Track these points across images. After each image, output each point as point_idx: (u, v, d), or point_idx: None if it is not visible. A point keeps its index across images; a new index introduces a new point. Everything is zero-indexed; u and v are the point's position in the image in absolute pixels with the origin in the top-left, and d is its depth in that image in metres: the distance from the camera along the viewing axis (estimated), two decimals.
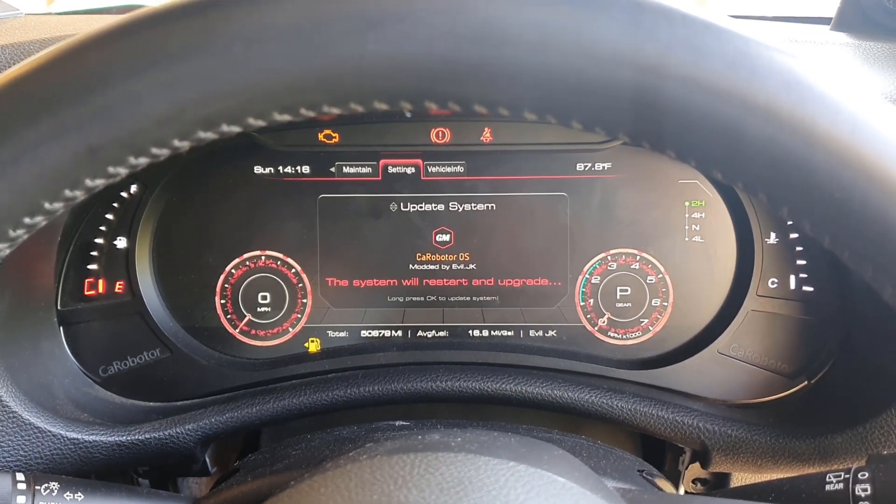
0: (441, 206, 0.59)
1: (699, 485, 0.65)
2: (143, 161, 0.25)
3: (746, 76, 0.23)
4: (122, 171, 0.25)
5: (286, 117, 0.25)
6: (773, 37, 0.24)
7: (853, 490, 0.42)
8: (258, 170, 0.59)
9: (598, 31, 0.23)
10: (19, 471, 0.53)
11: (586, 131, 0.25)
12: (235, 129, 0.25)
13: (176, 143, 0.25)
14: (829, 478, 0.44)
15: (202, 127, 0.24)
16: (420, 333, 0.61)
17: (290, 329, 0.61)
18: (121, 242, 0.59)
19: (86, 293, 0.59)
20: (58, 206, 0.25)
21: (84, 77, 0.23)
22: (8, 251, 0.26)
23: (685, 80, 0.23)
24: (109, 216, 0.59)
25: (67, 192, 0.25)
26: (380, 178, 0.59)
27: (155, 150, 0.25)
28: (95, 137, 0.24)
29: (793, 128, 0.23)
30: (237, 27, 0.23)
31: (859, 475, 0.43)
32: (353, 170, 0.59)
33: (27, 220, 0.25)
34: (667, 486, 0.49)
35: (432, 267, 0.60)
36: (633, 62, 0.23)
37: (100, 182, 0.25)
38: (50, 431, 0.52)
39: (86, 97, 0.23)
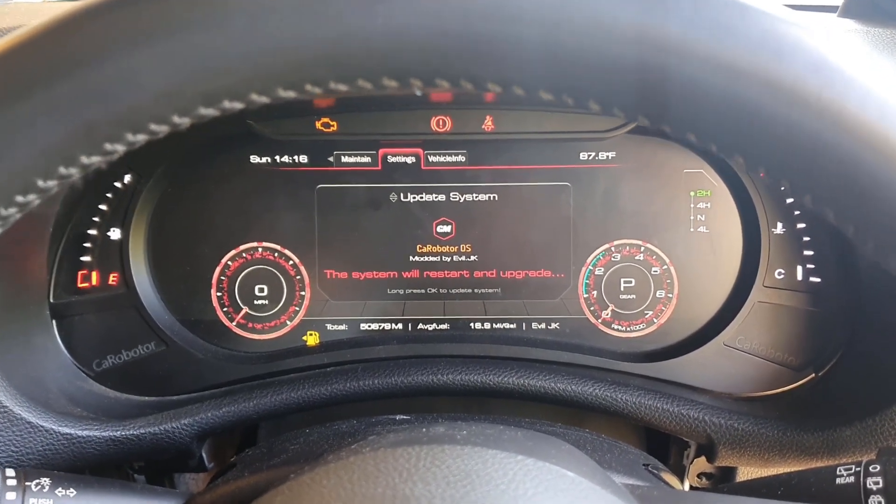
0: (442, 197, 0.58)
1: (704, 479, 0.64)
2: (140, 138, 0.24)
3: (772, 57, 0.22)
4: (120, 149, 0.24)
5: (291, 94, 0.23)
6: (799, 15, 0.23)
7: (864, 483, 0.42)
8: (254, 159, 0.58)
9: (619, 8, 0.22)
10: (10, 467, 0.52)
11: (604, 114, 0.24)
12: (238, 105, 0.24)
13: (176, 119, 0.23)
14: (840, 471, 0.43)
15: (203, 103, 0.23)
16: (421, 326, 0.60)
17: (288, 322, 0.60)
18: (115, 233, 0.58)
19: (79, 285, 0.58)
20: (52, 183, 0.24)
21: (80, 49, 0.22)
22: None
23: (706, 60, 0.22)
24: (103, 207, 0.57)
25: (62, 170, 0.24)
26: (379, 168, 0.58)
27: (154, 127, 0.23)
28: (92, 112, 0.22)
29: (820, 111, 0.22)
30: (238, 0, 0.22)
31: (870, 468, 0.42)
32: (351, 159, 0.58)
33: (19, 199, 0.24)
34: (672, 480, 0.48)
35: (433, 259, 0.59)
36: (653, 41, 0.22)
37: (96, 159, 0.24)
38: (42, 426, 0.51)
39: (82, 70, 0.22)
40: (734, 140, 0.23)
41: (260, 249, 0.59)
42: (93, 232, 0.58)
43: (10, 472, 0.39)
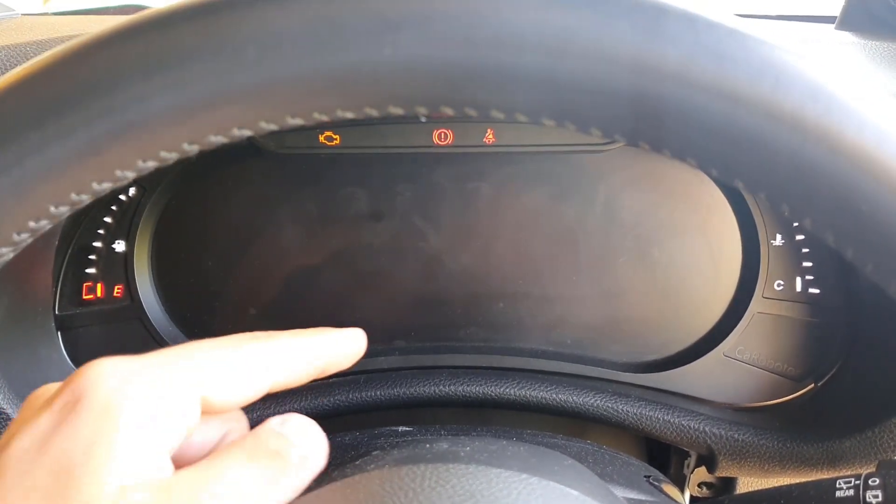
0: (443, 210, 0.59)
1: (705, 488, 0.64)
2: (151, 165, 0.24)
3: (771, 85, 0.22)
4: (130, 175, 0.25)
5: (299, 122, 0.24)
6: (798, 44, 0.23)
7: (864, 496, 0.42)
8: (258, 172, 0.59)
9: (620, 37, 0.22)
10: None
11: (606, 139, 0.24)
12: (247, 133, 0.24)
13: (186, 147, 0.24)
14: (840, 484, 0.43)
15: (213, 131, 0.24)
16: (422, 338, 0.60)
17: None
18: (119, 246, 0.58)
19: (84, 297, 0.59)
20: (63, 209, 0.25)
21: (92, 78, 0.23)
22: (11, 255, 0.26)
23: (708, 88, 0.22)
24: (108, 219, 0.58)
25: (74, 196, 0.24)
26: (381, 181, 0.59)
27: (164, 154, 0.24)
28: (104, 141, 0.23)
29: (818, 138, 0.22)
30: (251, 29, 0.22)
31: (870, 481, 0.42)
32: (354, 172, 0.58)
33: (32, 224, 0.25)
34: (673, 491, 0.48)
35: (434, 270, 0.59)
36: (654, 69, 0.22)
37: (107, 186, 0.25)
38: None
39: (94, 99, 0.23)
40: (734, 166, 0.24)
41: (264, 262, 0.59)
42: (98, 244, 0.58)
43: None
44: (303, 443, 0.31)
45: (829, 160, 0.22)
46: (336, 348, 0.36)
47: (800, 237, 0.58)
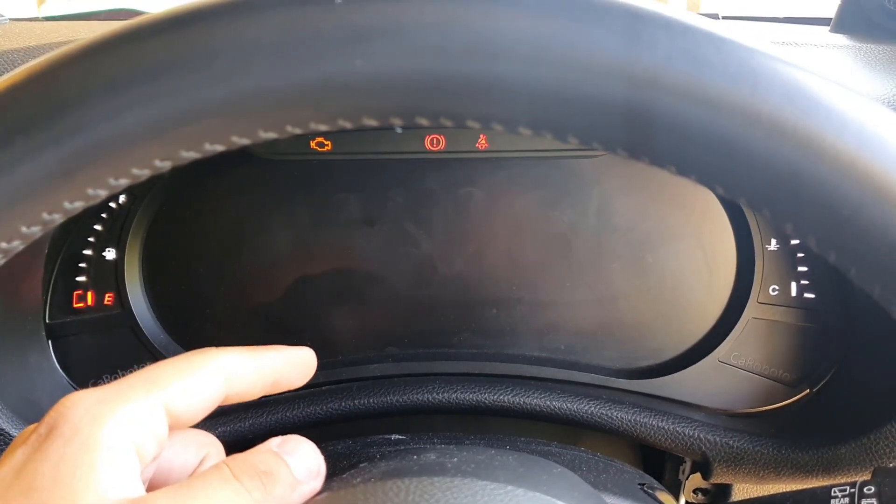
0: (436, 216, 0.58)
1: (700, 494, 0.64)
2: (123, 182, 0.24)
3: (749, 89, 0.22)
4: (102, 194, 0.24)
5: (272, 135, 0.24)
6: (776, 47, 0.23)
7: None
8: (249, 179, 0.58)
9: (594, 44, 0.22)
10: None
11: (584, 145, 0.24)
12: (219, 148, 0.24)
13: (157, 163, 0.24)
14: (835, 492, 0.43)
15: (184, 147, 0.23)
16: (415, 345, 0.60)
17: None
18: (109, 254, 0.58)
19: (74, 306, 0.58)
20: (35, 230, 0.24)
21: (59, 97, 0.22)
22: None
23: (685, 94, 0.22)
24: (98, 227, 0.58)
25: (45, 216, 0.24)
26: (373, 187, 0.58)
27: (136, 171, 0.24)
28: (72, 160, 0.23)
29: (797, 142, 0.22)
30: (219, 43, 0.22)
31: (865, 489, 0.42)
32: (346, 178, 0.58)
33: (3, 245, 0.24)
34: (668, 499, 0.48)
35: (427, 277, 0.59)
36: (629, 75, 0.22)
37: (79, 205, 0.24)
38: None
39: (61, 118, 0.22)
40: (713, 172, 0.23)
41: (255, 269, 0.59)
42: (88, 252, 0.58)
43: None
44: (298, 465, 0.31)
45: (808, 165, 0.22)
46: (286, 365, 0.37)
47: (795, 242, 0.58)
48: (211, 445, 0.35)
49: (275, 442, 0.32)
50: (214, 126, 0.23)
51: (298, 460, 0.32)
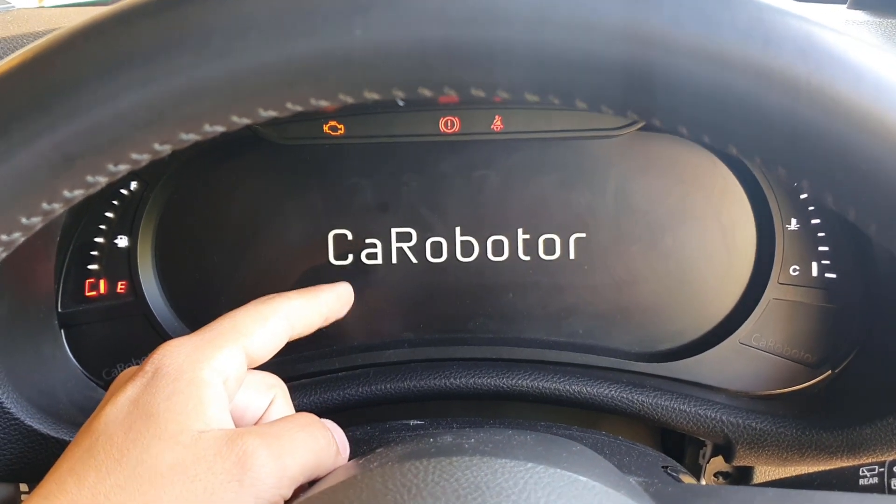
0: (451, 198, 0.58)
1: (721, 478, 0.63)
2: (122, 168, 0.23)
3: (760, 45, 0.21)
4: (102, 181, 0.24)
5: (272, 113, 0.23)
6: (787, 2, 0.22)
7: (889, 484, 0.41)
8: (261, 164, 0.57)
9: (598, 5, 0.21)
10: (23, 480, 0.52)
11: (592, 111, 0.23)
12: (219, 128, 0.23)
13: (157, 147, 0.23)
14: (863, 471, 0.43)
15: (183, 129, 0.23)
16: (432, 330, 0.59)
17: None
18: (122, 241, 0.57)
19: (87, 294, 0.58)
20: (36, 220, 0.24)
21: (53, 83, 0.22)
22: None
23: (694, 52, 0.21)
24: (109, 214, 0.57)
25: (45, 206, 0.23)
26: (387, 171, 0.57)
27: (135, 156, 0.23)
28: (70, 147, 0.22)
29: (811, 96, 0.21)
30: (214, 19, 0.21)
31: (894, 469, 0.42)
32: (359, 163, 0.57)
33: (4, 238, 0.24)
34: (691, 482, 0.47)
35: (442, 262, 0.58)
36: (636, 35, 0.21)
37: (79, 193, 0.24)
38: (54, 437, 0.50)
39: (56, 104, 0.22)
40: (726, 131, 0.23)
41: (269, 255, 0.58)
42: (100, 240, 0.57)
43: (23, 486, 0.39)
44: (340, 435, 0.39)
45: (824, 119, 0.21)
46: (333, 300, 0.46)
47: (815, 221, 0.57)
48: (277, 387, 0.41)
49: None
50: (213, 106, 0.22)
51: (338, 434, 0.39)
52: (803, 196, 0.56)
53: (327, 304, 0.45)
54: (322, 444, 0.36)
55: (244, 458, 0.31)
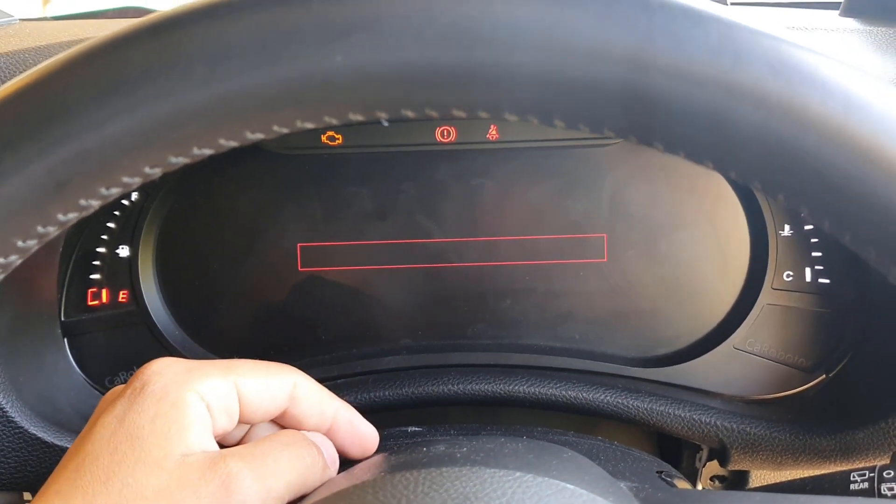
0: (448, 207, 0.58)
1: (717, 482, 0.64)
2: (115, 192, 0.24)
3: (731, 61, 0.22)
4: (95, 204, 0.24)
5: (259, 136, 0.24)
6: (758, 20, 0.23)
7: (879, 489, 0.41)
8: (260, 174, 0.58)
9: (571, 25, 0.22)
10: (27, 489, 0.52)
11: (569, 128, 0.24)
12: (208, 151, 0.24)
13: (147, 170, 0.24)
14: (854, 476, 0.43)
15: (172, 152, 0.24)
16: (429, 337, 0.60)
17: None
18: (123, 251, 0.58)
19: (89, 303, 0.58)
20: (32, 243, 0.24)
21: (44, 110, 0.23)
22: None
23: (666, 70, 0.22)
24: (111, 225, 0.58)
25: (40, 229, 0.24)
26: (385, 180, 0.58)
27: (126, 180, 0.24)
28: (62, 172, 0.23)
29: (782, 111, 0.22)
30: (198, 46, 0.22)
31: (884, 474, 0.42)
32: (357, 171, 0.58)
33: (1, 260, 0.24)
34: (686, 487, 0.48)
35: (440, 269, 0.59)
36: (609, 55, 0.22)
37: (73, 216, 0.24)
38: (57, 446, 0.51)
39: (48, 131, 0.22)
40: (702, 147, 0.23)
41: (269, 264, 0.59)
42: (102, 250, 0.58)
43: (27, 495, 0.39)
44: (327, 450, 0.38)
45: (795, 133, 0.22)
46: (346, 426, 0.40)
47: (808, 227, 0.57)
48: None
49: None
50: (201, 130, 0.23)
51: (327, 447, 0.37)
52: None
53: (337, 417, 0.39)
54: (307, 462, 0.35)
55: (228, 482, 0.31)
